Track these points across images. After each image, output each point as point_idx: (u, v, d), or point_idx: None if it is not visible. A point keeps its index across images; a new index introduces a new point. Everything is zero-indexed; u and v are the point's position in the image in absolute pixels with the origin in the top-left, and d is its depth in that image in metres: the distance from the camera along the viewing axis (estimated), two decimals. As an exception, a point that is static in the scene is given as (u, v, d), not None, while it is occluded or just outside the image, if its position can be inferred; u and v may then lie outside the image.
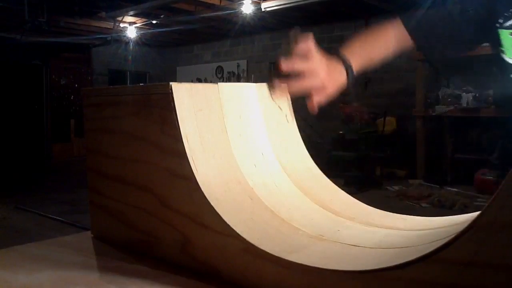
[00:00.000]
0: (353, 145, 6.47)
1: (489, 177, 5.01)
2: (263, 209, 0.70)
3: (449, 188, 5.48)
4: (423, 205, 4.93)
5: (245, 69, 9.62)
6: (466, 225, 0.44)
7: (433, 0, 0.97)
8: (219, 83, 0.74)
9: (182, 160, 0.66)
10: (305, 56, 0.80)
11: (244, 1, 6.34)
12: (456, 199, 4.89)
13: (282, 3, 6.14)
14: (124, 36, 8.34)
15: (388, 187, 5.89)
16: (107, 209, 0.81)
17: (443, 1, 0.97)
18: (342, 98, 7.76)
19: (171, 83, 0.67)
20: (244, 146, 0.76)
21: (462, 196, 5.09)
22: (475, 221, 0.43)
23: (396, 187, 5.81)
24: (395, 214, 0.77)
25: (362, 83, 7.56)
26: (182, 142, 0.66)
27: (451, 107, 5.69)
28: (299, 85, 0.81)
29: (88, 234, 0.87)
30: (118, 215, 0.79)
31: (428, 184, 5.75)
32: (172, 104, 0.67)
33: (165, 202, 0.71)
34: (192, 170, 0.66)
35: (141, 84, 0.73)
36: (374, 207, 0.79)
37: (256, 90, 0.81)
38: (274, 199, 0.72)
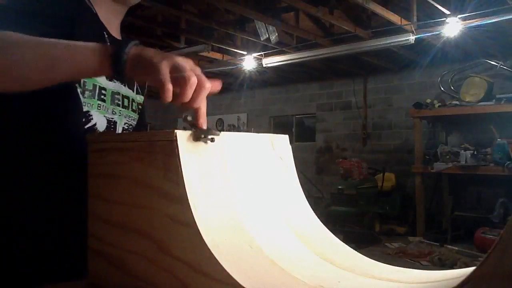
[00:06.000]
0: (352, 200, 6.43)
1: (489, 236, 4.95)
2: (263, 258, 0.69)
3: (450, 246, 5.40)
4: (423, 263, 4.84)
5: (245, 122, 9.74)
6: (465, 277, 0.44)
7: None
8: (222, 132, 0.76)
9: (184, 206, 0.67)
10: None
11: (246, 57, 6.52)
12: (457, 258, 4.81)
13: (283, 59, 6.29)
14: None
15: (388, 244, 5.79)
16: (106, 255, 0.80)
17: None
18: (341, 153, 7.82)
19: (175, 130, 0.69)
20: (246, 195, 0.76)
21: (462, 254, 5.00)
22: (475, 271, 0.43)
23: (396, 244, 5.72)
24: (395, 267, 0.76)
25: (361, 138, 7.64)
26: (185, 188, 0.67)
27: (450, 165, 5.70)
28: None
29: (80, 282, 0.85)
30: (116, 262, 0.78)
31: (428, 241, 5.67)
32: (176, 151, 0.68)
33: (165, 248, 0.70)
34: (193, 217, 0.66)
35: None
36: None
37: (257, 140, 0.83)
38: (274, 248, 0.72)
